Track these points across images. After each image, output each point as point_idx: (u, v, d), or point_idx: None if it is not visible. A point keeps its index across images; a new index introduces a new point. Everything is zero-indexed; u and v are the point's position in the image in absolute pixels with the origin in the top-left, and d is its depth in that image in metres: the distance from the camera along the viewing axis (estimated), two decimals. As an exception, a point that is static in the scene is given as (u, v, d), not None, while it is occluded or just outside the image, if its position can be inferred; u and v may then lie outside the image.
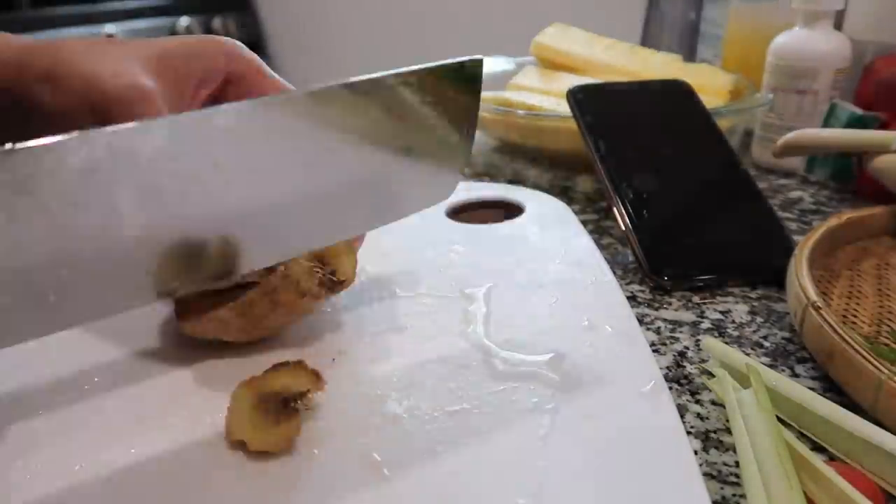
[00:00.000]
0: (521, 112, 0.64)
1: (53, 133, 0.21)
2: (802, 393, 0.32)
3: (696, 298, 0.45)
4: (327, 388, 0.30)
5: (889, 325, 0.40)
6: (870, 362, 0.32)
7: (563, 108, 0.59)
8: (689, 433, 0.32)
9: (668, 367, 0.37)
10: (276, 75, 0.34)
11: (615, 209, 0.50)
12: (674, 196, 0.51)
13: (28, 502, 0.25)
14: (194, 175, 0.24)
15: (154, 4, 1.71)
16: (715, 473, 0.30)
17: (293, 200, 0.29)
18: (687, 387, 0.36)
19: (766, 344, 0.39)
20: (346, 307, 0.38)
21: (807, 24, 0.64)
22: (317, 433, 0.28)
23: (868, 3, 0.66)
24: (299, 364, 0.30)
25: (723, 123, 0.60)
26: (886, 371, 0.31)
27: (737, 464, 0.30)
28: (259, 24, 1.92)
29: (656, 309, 0.43)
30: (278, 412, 0.28)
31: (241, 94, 0.33)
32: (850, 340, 0.33)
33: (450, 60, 0.30)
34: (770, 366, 0.37)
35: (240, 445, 0.27)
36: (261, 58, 0.35)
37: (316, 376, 0.29)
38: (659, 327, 0.41)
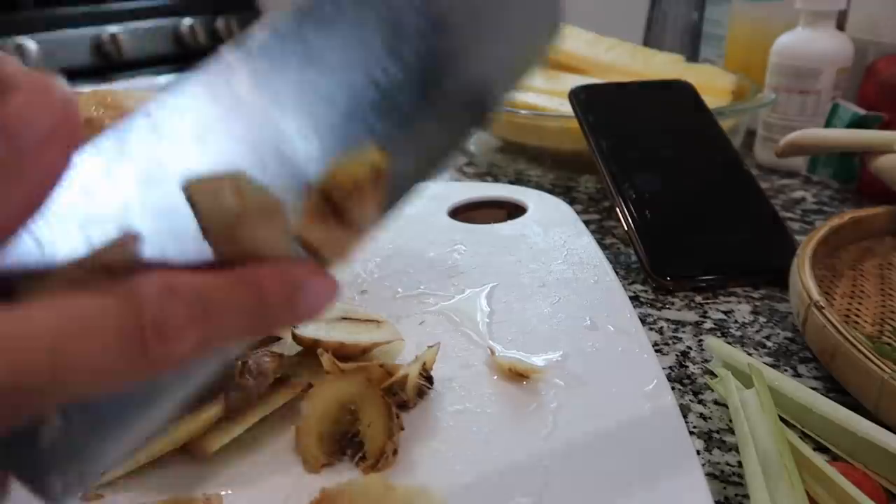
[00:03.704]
0: (523, 112, 0.64)
1: None
2: (805, 393, 0.32)
3: (698, 298, 0.45)
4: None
5: (892, 325, 0.40)
6: (872, 362, 0.32)
7: (566, 108, 0.59)
8: (691, 433, 0.32)
9: (670, 367, 0.37)
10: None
11: (618, 209, 0.50)
12: (676, 196, 0.51)
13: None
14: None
15: (157, 5, 1.71)
16: (718, 473, 0.30)
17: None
18: (690, 387, 0.36)
19: (769, 344, 0.39)
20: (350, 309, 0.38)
21: (809, 24, 0.64)
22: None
23: (870, 4, 0.66)
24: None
25: (725, 123, 0.60)
26: (889, 371, 0.31)
27: (739, 464, 0.30)
28: (262, 24, 1.92)
29: (659, 309, 0.43)
30: (342, 445, 0.28)
31: None
32: (852, 340, 0.33)
33: None
34: (773, 366, 0.37)
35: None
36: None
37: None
38: (661, 327, 0.41)
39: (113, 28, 1.60)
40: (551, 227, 0.47)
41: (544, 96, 0.69)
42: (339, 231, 0.21)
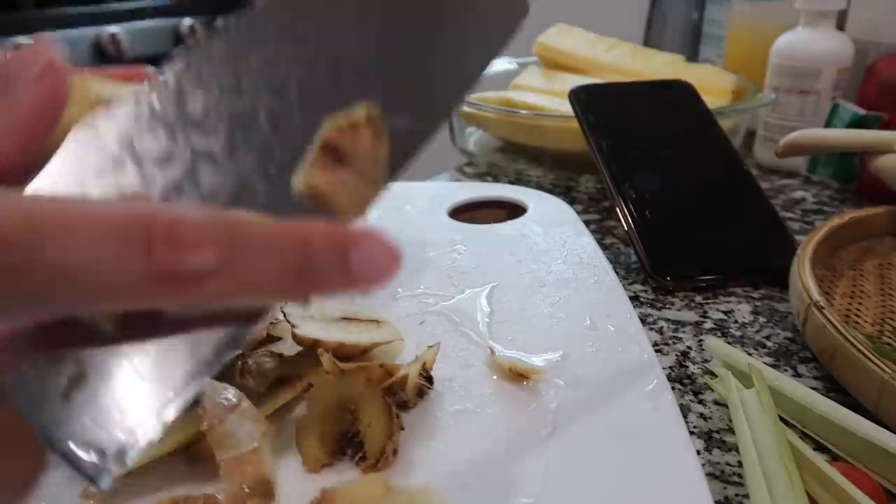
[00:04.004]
0: (523, 112, 0.64)
1: None
2: (805, 393, 0.32)
3: (698, 298, 0.45)
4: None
5: (892, 325, 0.40)
6: (872, 362, 0.32)
7: (566, 108, 0.59)
8: (691, 433, 0.32)
9: (670, 367, 0.37)
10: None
11: (618, 209, 0.50)
12: (676, 196, 0.51)
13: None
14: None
15: (157, 5, 1.72)
16: (718, 473, 0.30)
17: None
18: (690, 387, 0.36)
19: (769, 344, 0.39)
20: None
21: (809, 24, 0.64)
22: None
23: (870, 4, 0.66)
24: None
25: (725, 123, 0.60)
26: (889, 371, 0.31)
27: (739, 464, 0.30)
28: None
29: (659, 309, 0.43)
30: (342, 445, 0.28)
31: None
32: (852, 340, 0.33)
33: None
34: (773, 366, 0.37)
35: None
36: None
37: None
38: (661, 327, 0.41)
39: (113, 28, 1.60)
40: (551, 227, 0.47)
41: (544, 96, 0.69)
42: (345, 176, 0.22)
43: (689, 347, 0.39)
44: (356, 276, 0.19)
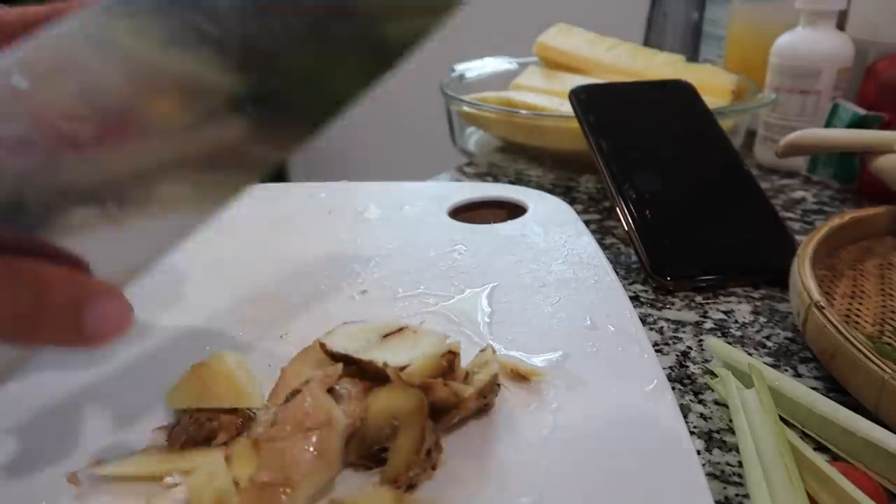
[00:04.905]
0: (523, 112, 0.64)
1: None
2: (805, 393, 0.32)
3: (698, 298, 0.45)
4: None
5: (892, 325, 0.40)
6: (873, 362, 0.32)
7: (566, 108, 0.59)
8: (692, 433, 0.32)
9: (670, 367, 0.37)
10: None
11: (618, 209, 0.50)
12: (676, 196, 0.51)
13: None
14: None
15: (157, 5, 1.72)
16: (718, 473, 0.30)
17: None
18: (690, 387, 0.36)
19: (769, 344, 0.39)
20: (349, 308, 0.38)
21: (809, 24, 0.64)
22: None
23: (870, 4, 0.66)
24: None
25: (725, 123, 0.60)
26: (889, 371, 0.31)
27: (740, 464, 0.30)
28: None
29: (659, 309, 0.43)
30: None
31: None
32: (852, 340, 0.33)
33: None
34: (773, 366, 0.37)
35: None
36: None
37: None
38: (662, 327, 0.41)
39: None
40: (551, 227, 0.47)
41: (544, 96, 0.69)
42: None
43: (690, 347, 0.39)
44: (89, 330, 0.18)
